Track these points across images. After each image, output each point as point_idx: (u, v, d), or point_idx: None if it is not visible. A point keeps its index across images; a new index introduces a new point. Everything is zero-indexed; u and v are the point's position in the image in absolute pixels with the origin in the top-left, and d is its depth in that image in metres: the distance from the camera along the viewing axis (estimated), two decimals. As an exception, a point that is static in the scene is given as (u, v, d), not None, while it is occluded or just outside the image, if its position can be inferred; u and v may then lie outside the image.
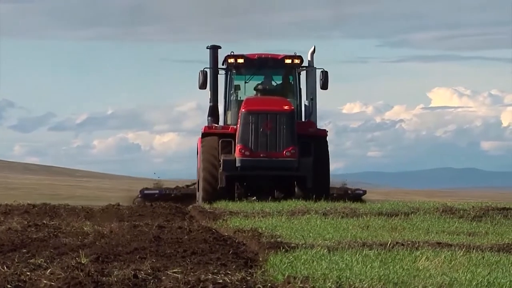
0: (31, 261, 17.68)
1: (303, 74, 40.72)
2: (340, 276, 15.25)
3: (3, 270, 16.42)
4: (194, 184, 40.93)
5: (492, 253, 19.10)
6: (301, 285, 14.79)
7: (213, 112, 39.93)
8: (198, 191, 39.22)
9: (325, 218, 28.34)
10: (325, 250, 19.14)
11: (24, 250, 19.61)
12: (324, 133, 39.78)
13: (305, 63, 40.16)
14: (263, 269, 16.96)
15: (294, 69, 40.20)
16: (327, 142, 39.56)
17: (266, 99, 39.03)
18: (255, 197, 38.08)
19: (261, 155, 37.65)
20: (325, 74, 39.53)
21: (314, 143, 38.99)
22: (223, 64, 40.13)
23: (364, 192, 47.18)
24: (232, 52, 39.47)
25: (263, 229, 24.10)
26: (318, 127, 39.86)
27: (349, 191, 45.40)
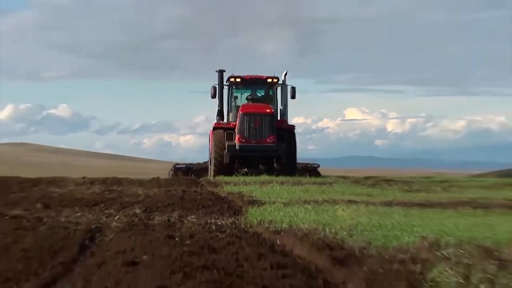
0: (106, 211, 17.66)
1: (279, 89, 39.73)
2: (291, 220, 15.23)
3: (89, 216, 16.39)
4: (206, 162, 40.40)
5: (381, 206, 19.06)
6: (267, 225, 14.77)
7: (220, 113, 38.92)
8: (210, 165, 38.17)
9: (282, 186, 28.25)
10: (282, 205, 19.08)
11: (102, 205, 19.56)
12: (293, 127, 38.61)
13: (280, 81, 39.28)
14: (245, 216, 16.97)
15: (273, 85, 39.20)
16: (295, 133, 38.54)
17: (255, 105, 37.95)
18: (246, 169, 37.19)
19: (252, 141, 36.67)
20: (293, 89, 38.45)
21: (287, 134, 37.85)
22: (226, 82, 39.06)
23: (318, 165, 45.75)
24: (233, 74, 38.90)
25: (245, 192, 24.06)
26: (289, 124, 38.99)
27: (308, 165, 44.14)
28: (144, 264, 10.09)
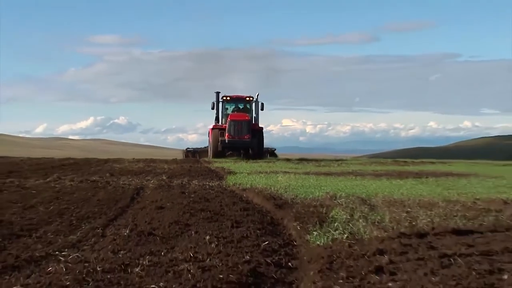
0: (146, 178, 17.44)
1: (253, 104, 36.79)
2: (251, 183, 15.18)
3: (136, 180, 16.22)
4: (206, 147, 37.64)
5: (303, 175, 19.07)
6: (238, 185, 14.70)
7: (216, 119, 36.23)
8: (210, 151, 35.68)
9: (247, 163, 28.16)
10: (246, 174, 19.03)
11: (143, 174, 19.32)
12: (261, 128, 35.92)
13: (254, 99, 36.56)
14: (225, 180, 16.86)
15: (250, 101, 36.64)
16: (262, 132, 35.85)
17: (238, 114, 35.49)
18: (230, 152, 35.40)
19: (236, 138, 34.06)
20: (262, 104, 36.27)
21: (257, 133, 35.23)
22: (220, 99, 36.46)
23: (275, 149, 41.99)
24: (224, 94, 36.52)
25: (225, 167, 23.94)
26: (259, 126, 36.02)
27: (269, 149, 40.19)
28: (167, 208, 10.09)
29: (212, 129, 35.77)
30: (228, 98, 36.77)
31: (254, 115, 36.61)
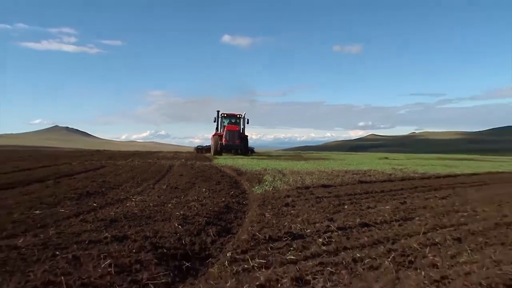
0: (174, 161, 16.87)
1: (242, 119, 29.39)
2: (225, 163, 14.84)
3: (168, 162, 15.67)
4: (209, 145, 29.69)
5: (251, 159, 18.89)
6: (219, 165, 14.30)
7: (216, 129, 29.28)
8: (212, 150, 27.94)
9: (228, 156, 27.67)
10: (223, 159, 18.69)
11: (173, 159, 18.60)
12: (247, 136, 28.66)
13: (243, 116, 29.79)
14: (213, 162, 16.56)
15: (240, 117, 29.78)
16: (247, 139, 28.56)
17: (232, 126, 28.67)
18: (225, 151, 27.65)
19: (230, 142, 27.14)
20: (248, 119, 29.10)
21: (244, 139, 28.13)
22: (220, 115, 29.68)
23: (253, 148, 32.13)
24: (223, 112, 30.09)
25: (216, 160, 23.53)
26: (245, 134, 28.76)
27: (250, 148, 30.68)
28: (184, 175, 9.81)
29: (213, 135, 29.83)
30: (225, 115, 31.11)
31: (242, 126, 30.59)
